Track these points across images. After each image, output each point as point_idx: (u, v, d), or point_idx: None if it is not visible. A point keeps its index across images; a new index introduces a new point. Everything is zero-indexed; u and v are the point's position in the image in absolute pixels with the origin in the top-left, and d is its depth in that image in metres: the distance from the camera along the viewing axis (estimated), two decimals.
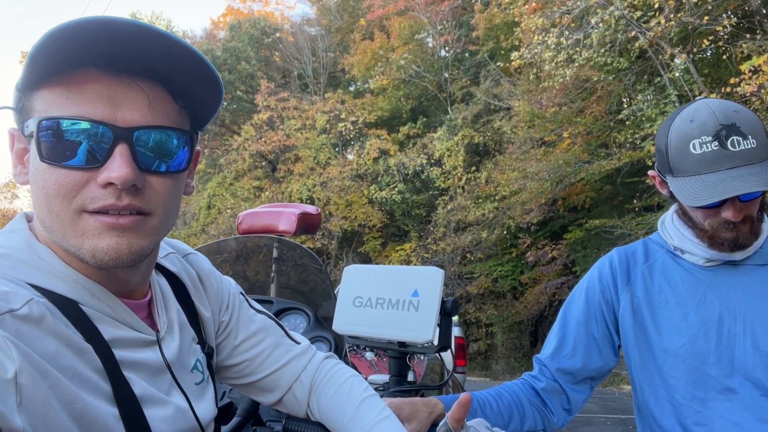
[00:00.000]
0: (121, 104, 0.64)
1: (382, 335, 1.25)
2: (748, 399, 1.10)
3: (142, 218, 0.66)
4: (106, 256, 0.64)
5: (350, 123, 22.27)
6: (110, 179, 0.62)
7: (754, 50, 9.30)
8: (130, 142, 0.63)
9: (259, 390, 0.99)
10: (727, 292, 1.17)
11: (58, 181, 0.62)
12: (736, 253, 1.16)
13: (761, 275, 1.16)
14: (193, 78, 0.68)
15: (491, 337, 18.49)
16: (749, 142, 1.06)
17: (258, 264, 2.02)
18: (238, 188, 22.81)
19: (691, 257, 1.23)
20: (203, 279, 0.93)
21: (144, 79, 0.65)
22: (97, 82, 0.63)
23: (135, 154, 0.64)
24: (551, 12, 12.25)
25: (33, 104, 0.64)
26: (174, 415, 0.73)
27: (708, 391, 1.15)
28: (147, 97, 0.65)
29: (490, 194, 17.86)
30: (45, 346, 0.58)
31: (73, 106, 0.62)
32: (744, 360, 1.12)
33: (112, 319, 0.69)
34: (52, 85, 0.63)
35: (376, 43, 23.64)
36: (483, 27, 19.91)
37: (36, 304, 0.60)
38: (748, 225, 1.13)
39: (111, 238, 0.64)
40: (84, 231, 0.64)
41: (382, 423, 0.89)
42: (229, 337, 0.95)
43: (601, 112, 13.76)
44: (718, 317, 1.16)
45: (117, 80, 0.64)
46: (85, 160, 0.62)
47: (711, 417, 1.14)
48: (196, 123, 0.75)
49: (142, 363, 0.71)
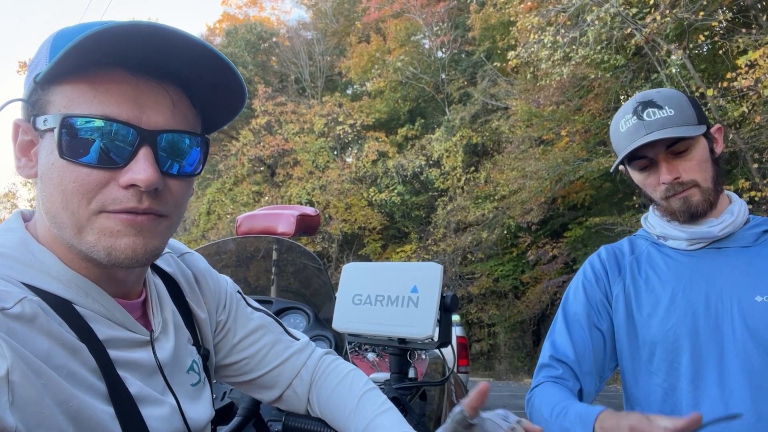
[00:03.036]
0: (147, 107, 0.64)
1: (382, 332, 1.25)
2: (738, 378, 1.10)
3: (158, 219, 0.67)
4: (122, 254, 0.64)
5: (348, 126, 22.27)
6: (134, 181, 0.62)
7: (750, 45, 9.29)
8: (154, 144, 0.64)
9: (259, 387, 0.98)
10: (712, 274, 1.19)
11: (78, 179, 0.62)
12: (701, 225, 1.21)
13: (745, 256, 1.18)
14: (217, 86, 0.69)
15: (494, 337, 18.47)
16: (665, 111, 1.19)
17: (257, 265, 2.01)
18: (238, 193, 22.81)
19: (674, 243, 1.27)
20: (199, 278, 0.92)
21: (169, 83, 0.66)
22: (124, 84, 0.63)
23: (158, 157, 0.64)
24: (547, 11, 12.26)
25: (51, 98, 0.63)
26: (170, 415, 0.72)
27: (698, 372, 1.15)
28: (172, 101, 0.66)
29: (490, 194, 17.85)
30: (38, 345, 0.57)
31: (98, 105, 0.62)
32: (734, 339, 1.12)
33: (106, 319, 0.68)
34: (76, 81, 0.62)
35: (372, 46, 23.66)
36: (479, 27, 19.94)
37: (29, 303, 0.59)
38: (698, 193, 1.19)
39: (129, 237, 0.64)
40: (101, 229, 0.63)
41: (383, 415, 0.89)
42: (227, 335, 0.95)
43: (598, 109, 13.76)
44: (705, 298, 1.17)
45: (143, 82, 0.64)
46: (108, 160, 0.62)
47: (700, 398, 1.14)
48: (206, 127, 0.76)
49: (136, 363, 0.70)
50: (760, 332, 1.10)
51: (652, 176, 1.24)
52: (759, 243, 1.19)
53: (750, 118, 9.62)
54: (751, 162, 9.77)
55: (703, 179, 1.20)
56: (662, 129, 1.17)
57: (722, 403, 1.11)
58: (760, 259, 1.17)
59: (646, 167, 1.25)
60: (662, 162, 1.21)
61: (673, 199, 1.21)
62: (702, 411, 1.10)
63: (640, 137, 1.19)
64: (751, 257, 1.18)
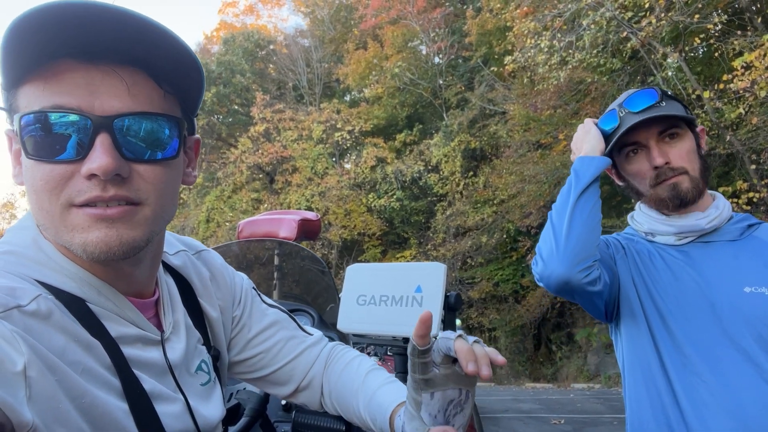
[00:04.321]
0: (100, 92, 0.62)
1: (386, 332, 1.25)
2: (731, 365, 1.11)
3: (132, 208, 0.64)
4: (96, 249, 0.62)
5: (346, 132, 22.33)
6: (92, 170, 0.60)
7: (745, 46, 9.34)
8: (110, 130, 0.61)
9: (274, 383, 0.98)
10: (701, 267, 1.21)
11: (44, 177, 0.61)
12: (688, 217, 1.23)
13: (732, 249, 1.21)
14: (173, 62, 0.66)
15: (494, 342, 18.42)
16: (656, 102, 1.22)
17: (261, 268, 2.02)
18: (237, 201, 22.81)
19: (662, 238, 1.28)
20: (216, 276, 0.93)
21: (123, 66, 0.63)
22: (74, 72, 0.61)
23: (117, 143, 0.62)
24: (543, 15, 12.32)
25: (18, 102, 0.63)
26: (182, 413, 0.73)
27: (691, 357, 1.15)
28: (126, 84, 0.63)
29: (489, 198, 17.88)
30: (54, 341, 0.58)
31: (50, 97, 0.60)
32: (724, 328, 1.13)
33: (118, 317, 0.69)
34: (32, 79, 0.62)
35: (369, 53, 23.75)
36: (475, 33, 20.02)
37: (44, 300, 0.60)
38: (687, 180, 1.21)
39: (100, 230, 0.62)
40: (74, 225, 0.62)
41: (388, 385, 0.89)
42: (242, 330, 0.96)
43: (595, 113, 13.80)
44: (697, 289, 1.19)
45: (94, 68, 0.62)
46: (68, 153, 0.61)
47: (696, 384, 1.14)
48: (188, 109, 0.73)
49: (148, 361, 0.71)
50: (751, 321, 1.12)
51: (642, 162, 1.26)
52: (744, 237, 1.22)
53: (747, 120, 9.65)
54: (749, 163, 9.79)
55: (692, 168, 1.23)
56: (655, 115, 1.21)
57: (721, 388, 1.11)
58: (746, 252, 1.20)
59: (636, 152, 1.27)
60: (654, 146, 1.23)
61: (662, 185, 1.23)
62: (700, 397, 1.11)
63: (634, 121, 1.22)
64: (738, 250, 1.20)
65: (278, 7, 31.99)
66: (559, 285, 1.18)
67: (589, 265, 1.17)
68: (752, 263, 1.17)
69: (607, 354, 14.48)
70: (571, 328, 16.56)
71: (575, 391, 13.33)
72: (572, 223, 1.20)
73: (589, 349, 15.56)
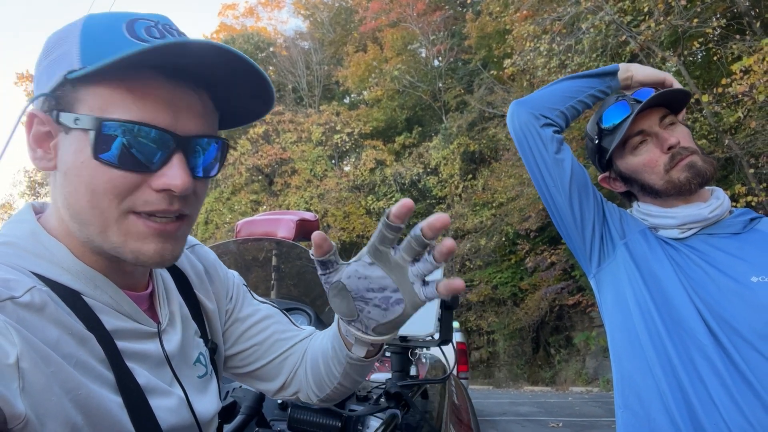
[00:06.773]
0: (181, 113, 0.65)
1: None
2: (739, 356, 1.10)
3: (180, 223, 0.68)
4: (150, 259, 0.66)
5: (346, 134, 22.37)
6: (170, 186, 0.63)
7: (744, 51, 9.36)
8: (187, 150, 0.65)
9: (263, 378, 0.97)
10: (705, 259, 1.21)
11: (111, 181, 0.62)
12: (691, 206, 1.23)
13: (737, 241, 1.21)
14: (246, 88, 0.69)
15: (493, 345, 18.42)
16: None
17: (259, 266, 2.02)
18: (236, 203, 22.82)
19: (665, 232, 1.27)
20: (209, 270, 0.93)
21: (199, 88, 0.67)
22: (161, 90, 0.64)
23: (189, 162, 0.66)
24: (542, 19, 12.36)
25: (82, 97, 0.63)
26: (178, 406, 0.73)
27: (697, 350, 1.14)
28: (203, 107, 0.68)
29: (488, 201, 17.90)
30: (47, 334, 0.58)
31: (137, 111, 0.62)
32: (733, 316, 1.13)
33: (114, 310, 0.69)
34: (112, 85, 0.62)
35: (369, 55, 23.81)
36: (475, 36, 20.08)
37: (38, 292, 0.60)
38: (699, 159, 1.22)
39: (157, 243, 0.66)
40: (128, 231, 0.64)
41: None
42: (235, 323, 0.96)
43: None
44: (701, 281, 1.18)
45: (178, 89, 0.65)
46: (143, 165, 0.63)
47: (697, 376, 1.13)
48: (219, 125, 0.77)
49: (144, 354, 0.71)
50: (759, 310, 1.11)
51: (652, 150, 1.26)
52: (747, 230, 1.23)
53: (745, 124, 9.68)
54: (747, 167, 9.81)
55: (699, 150, 1.25)
56: (670, 89, 1.25)
57: (731, 379, 1.09)
58: (751, 243, 1.20)
59: (643, 142, 1.27)
60: (661, 131, 1.25)
61: (679, 167, 1.22)
62: (710, 386, 1.09)
63: (635, 112, 1.25)
64: (742, 242, 1.21)
65: (278, 10, 32.18)
66: (522, 124, 1.39)
67: (550, 116, 1.39)
68: (757, 253, 1.18)
69: (605, 358, 14.47)
70: (569, 331, 16.56)
71: (573, 395, 13.32)
72: (554, 84, 1.42)
73: (587, 353, 15.56)
